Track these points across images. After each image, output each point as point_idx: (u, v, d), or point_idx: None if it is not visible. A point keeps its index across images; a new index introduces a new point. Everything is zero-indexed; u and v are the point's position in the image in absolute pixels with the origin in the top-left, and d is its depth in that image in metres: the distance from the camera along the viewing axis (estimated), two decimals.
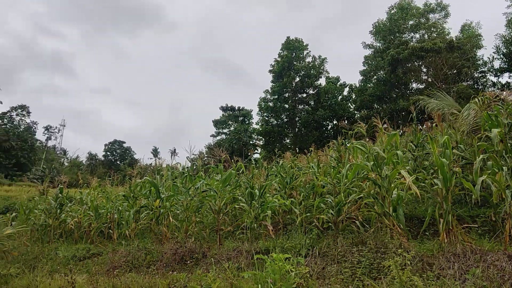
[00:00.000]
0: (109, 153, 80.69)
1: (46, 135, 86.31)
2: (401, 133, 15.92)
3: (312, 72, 49.71)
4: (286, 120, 50.60)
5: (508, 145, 7.27)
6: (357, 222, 7.99)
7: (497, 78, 36.44)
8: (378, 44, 43.52)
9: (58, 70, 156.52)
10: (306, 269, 4.43)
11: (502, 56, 34.79)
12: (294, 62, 50.07)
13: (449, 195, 6.86)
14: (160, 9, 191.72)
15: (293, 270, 4.22)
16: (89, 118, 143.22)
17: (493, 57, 35.81)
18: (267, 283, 4.06)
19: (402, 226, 6.98)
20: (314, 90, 50.12)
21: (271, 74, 51.44)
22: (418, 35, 42.09)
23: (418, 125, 11.48)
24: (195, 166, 13.73)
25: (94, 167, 70.72)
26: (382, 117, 9.14)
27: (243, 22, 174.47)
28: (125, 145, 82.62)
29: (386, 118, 11.16)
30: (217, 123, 60.43)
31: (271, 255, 4.35)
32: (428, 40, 36.86)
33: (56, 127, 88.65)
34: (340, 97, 49.44)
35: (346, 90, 49.85)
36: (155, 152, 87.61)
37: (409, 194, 8.05)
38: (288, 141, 51.68)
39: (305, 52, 51.20)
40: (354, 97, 47.37)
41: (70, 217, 13.22)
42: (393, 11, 43.00)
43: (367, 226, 7.93)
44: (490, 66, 36.34)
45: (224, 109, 61.05)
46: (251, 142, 55.81)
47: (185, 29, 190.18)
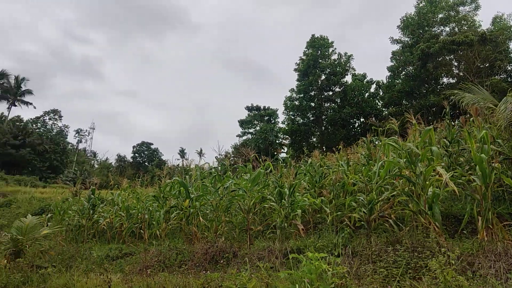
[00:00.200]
0: (137, 154, 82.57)
1: (77, 138, 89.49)
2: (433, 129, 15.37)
3: (338, 69, 49.01)
4: (312, 118, 50.02)
5: None
6: (390, 220, 7.80)
7: None
8: (407, 39, 42.32)
9: (87, 74, 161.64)
10: (344, 268, 4.32)
11: None
12: (320, 60, 49.41)
13: (488, 192, 6.61)
14: (184, 11, 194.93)
15: (329, 269, 4.13)
16: (117, 120, 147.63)
17: None
18: (304, 283, 3.98)
19: (439, 224, 6.74)
20: (340, 88, 49.40)
21: (297, 73, 51.04)
22: (448, 29, 40.66)
23: (451, 120, 11.09)
24: (224, 166, 13.78)
25: (123, 169, 72.59)
26: (413, 113, 8.86)
27: (267, 21, 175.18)
28: (152, 146, 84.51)
29: (418, 114, 10.82)
30: (242, 123, 60.55)
31: (307, 254, 4.26)
32: (459, 33, 35.61)
33: (86, 130, 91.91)
34: (367, 94, 48.48)
35: (373, 87, 48.74)
36: (182, 153, 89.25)
37: (444, 192, 7.78)
38: (314, 139, 51.11)
39: (330, 49, 50.45)
40: (381, 94, 46.29)
41: (102, 217, 13.54)
42: (421, 5, 41.74)
43: (401, 224, 7.72)
44: None
45: (249, 109, 61.12)
46: (277, 141, 55.60)
47: (209, 30, 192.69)
